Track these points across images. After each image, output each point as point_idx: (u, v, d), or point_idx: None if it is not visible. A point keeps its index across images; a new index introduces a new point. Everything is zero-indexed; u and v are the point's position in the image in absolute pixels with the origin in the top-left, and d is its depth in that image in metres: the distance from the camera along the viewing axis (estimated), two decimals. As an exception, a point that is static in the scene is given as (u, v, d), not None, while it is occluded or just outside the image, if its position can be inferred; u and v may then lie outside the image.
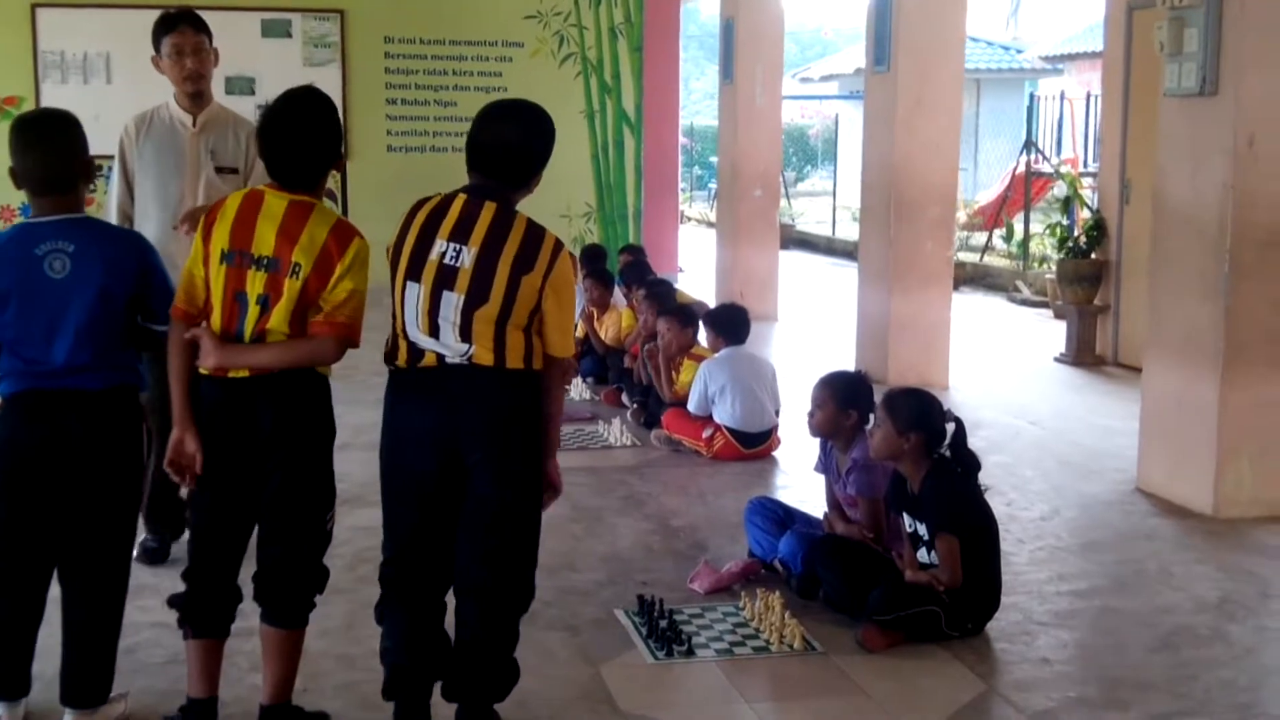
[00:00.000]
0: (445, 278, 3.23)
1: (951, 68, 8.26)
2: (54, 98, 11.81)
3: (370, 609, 4.36)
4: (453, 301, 3.22)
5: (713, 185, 26.78)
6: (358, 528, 5.06)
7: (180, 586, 3.49)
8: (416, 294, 3.24)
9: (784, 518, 4.91)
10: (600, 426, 7.07)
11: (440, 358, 3.24)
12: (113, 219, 4.76)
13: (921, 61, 8.13)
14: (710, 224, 22.62)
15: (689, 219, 22.35)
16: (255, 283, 3.30)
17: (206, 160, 4.74)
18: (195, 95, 4.77)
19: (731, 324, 6.74)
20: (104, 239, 3.41)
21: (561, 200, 12.18)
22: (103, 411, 3.38)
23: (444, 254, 3.24)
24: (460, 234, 3.25)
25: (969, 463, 4.36)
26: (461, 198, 3.31)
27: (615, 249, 11.53)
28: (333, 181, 12.38)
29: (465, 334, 3.22)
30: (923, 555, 4.34)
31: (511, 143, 3.34)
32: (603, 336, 8.28)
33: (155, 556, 4.80)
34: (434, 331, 3.23)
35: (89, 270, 3.32)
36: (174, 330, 3.38)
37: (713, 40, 38.49)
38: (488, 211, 3.27)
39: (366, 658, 4.04)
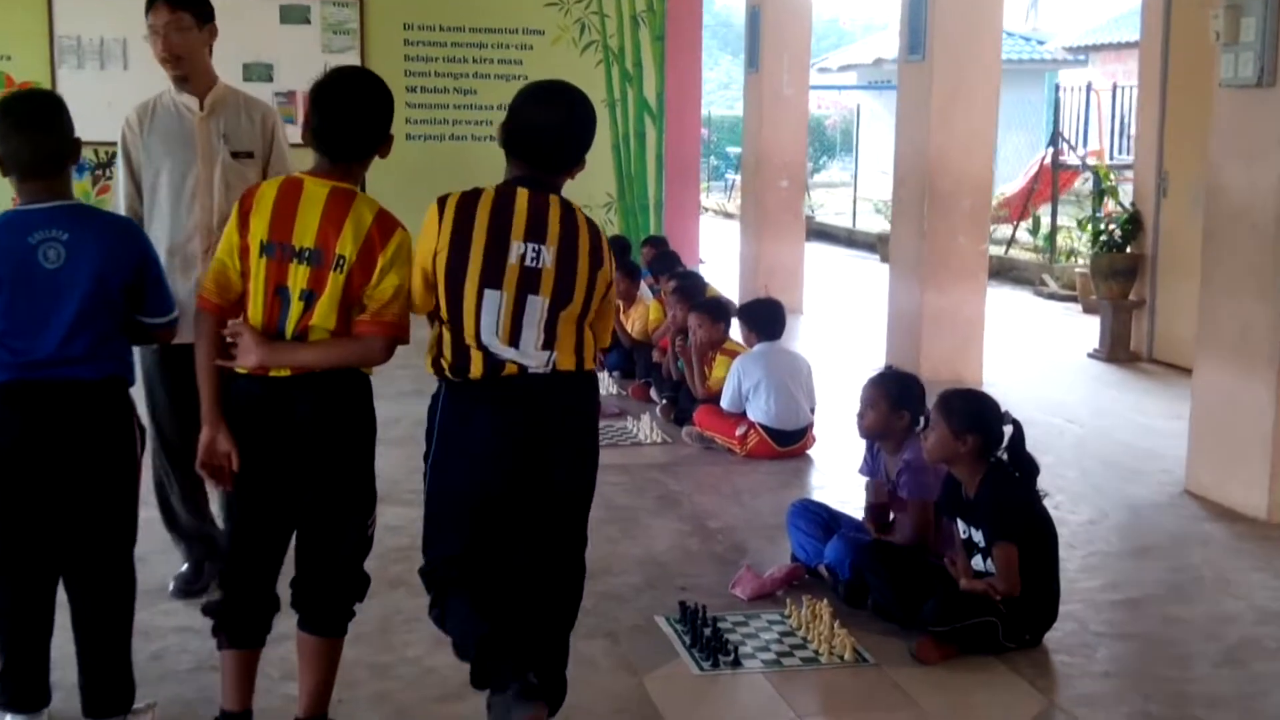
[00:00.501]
0: (530, 281, 3.08)
1: (988, 57, 8.08)
2: (70, 83, 11.66)
3: (403, 614, 4.27)
4: (538, 305, 3.07)
5: (730, 175, 26.67)
6: (388, 527, 4.90)
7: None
8: (498, 301, 3.06)
9: (828, 521, 4.75)
10: (629, 422, 6.91)
11: (522, 368, 3.08)
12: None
13: (958, 51, 7.94)
14: (728, 215, 22.47)
15: (706, 210, 22.14)
16: (298, 276, 3.13)
17: (220, 145, 4.35)
18: (179, 79, 4.33)
19: (766, 319, 6.57)
20: (100, 227, 3.25)
21: (582, 190, 11.92)
22: (96, 402, 3.24)
23: (524, 256, 3.07)
24: (536, 233, 3.09)
25: (1027, 467, 4.19)
26: (524, 192, 3.12)
27: (636, 240, 11.37)
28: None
29: (549, 340, 3.09)
30: (977, 563, 4.17)
31: (563, 128, 3.17)
32: (629, 330, 8.11)
33: (190, 587, 4.46)
34: (515, 340, 3.07)
35: (84, 260, 3.17)
36: (202, 323, 3.20)
37: (725, 29, 38.21)
38: (554, 206, 3.12)
39: (401, 666, 3.92)
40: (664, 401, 7.24)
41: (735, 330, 6.92)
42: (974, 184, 8.10)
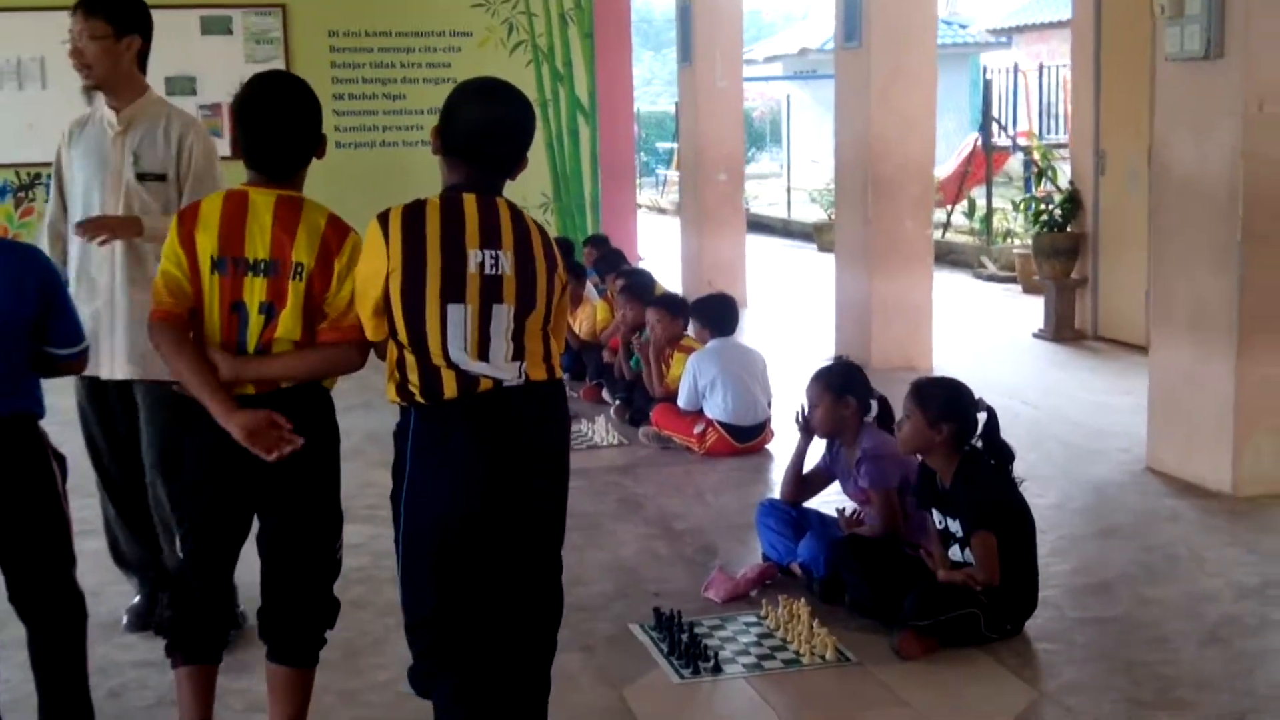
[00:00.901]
0: (492, 289, 2.89)
1: (925, 40, 8.07)
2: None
3: (369, 635, 4.14)
4: (504, 313, 2.90)
5: (660, 171, 26.62)
6: (347, 545, 4.72)
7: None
8: (463, 315, 2.87)
9: (798, 519, 4.68)
10: (584, 425, 6.78)
11: (497, 383, 2.90)
12: (43, 236, 4.25)
13: (895, 36, 7.91)
14: (661, 210, 22.43)
15: (640, 206, 22.06)
16: (255, 289, 3.01)
17: (129, 165, 4.01)
18: (90, 89, 4.09)
19: (720, 315, 6.48)
20: (2, 257, 3.08)
21: (517, 191, 11.40)
22: (2, 440, 3.06)
23: (482, 264, 2.88)
24: (490, 239, 2.90)
25: (1003, 454, 4.13)
26: (471, 197, 2.93)
27: (576, 240, 11.26)
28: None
29: (518, 350, 2.92)
30: (954, 553, 4.12)
31: (506, 125, 3.00)
32: (578, 331, 8.00)
33: (143, 620, 4.28)
34: (484, 353, 2.89)
35: None
36: (166, 332, 3.03)
37: (645, 25, 38.15)
38: (503, 209, 2.96)
39: (371, 692, 3.81)
40: (617, 402, 7.13)
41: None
42: (917, 168, 8.07)
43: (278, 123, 3.07)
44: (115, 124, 4.04)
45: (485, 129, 2.96)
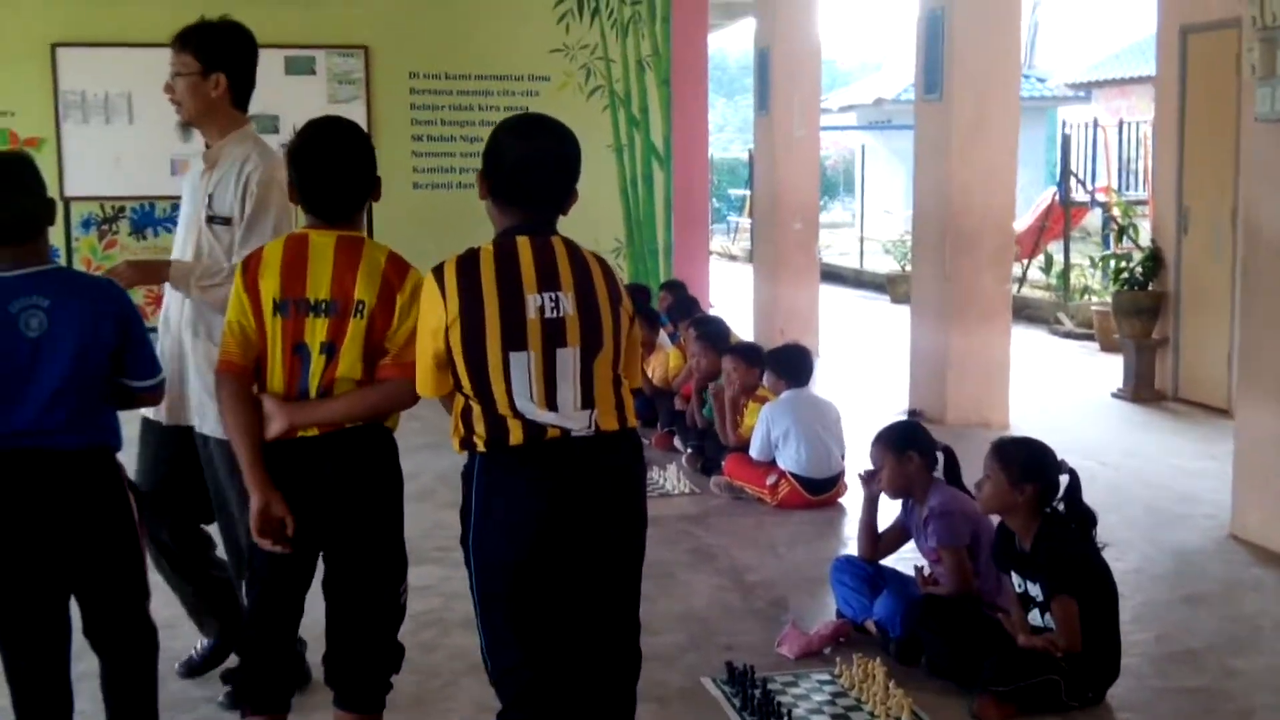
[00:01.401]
0: (555, 333, 2.83)
1: (1008, 93, 8.01)
2: (75, 139, 11.59)
3: (439, 678, 4.12)
4: (569, 357, 2.83)
5: (732, 218, 26.65)
6: (416, 588, 4.71)
7: None
8: (526, 362, 2.81)
9: (874, 575, 4.61)
10: (655, 473, 6.75)
11: (565, 432, 2.84)
12: None
13: (977, 88, 7.86)
14: (732, 257, 22.43)
15: (711, 253, 22.08)
16: (316, 330, 3.03)
17: (203, 205, 3.87)
18: (183, 126, 3.99)
19: (795, 365, 6.44)
20: (81, 291, 3.12)
21: (590, 235, 11.74)
22: (79, 472, 3.10)
23: (542, 308, 2.82)
24: (549, 281, 2.84)
25: (1086, 517, 4.05)
26: (524, 240, 2.87)
27: (651, 286, 11.28)
28: (357, 219, 12.30)
29: (588, 397, 2.85)
30: (1034, 617, 4.03)
31: (555, 159, 2.92)
32: (650, 377, 7.98)
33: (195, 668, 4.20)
34: (551, 402, 2.82)
35: (66, 327, 3.04)
36: (228, 385, 3.08)
37: (720, 72, 38.22)
38: (559, 248, 2.89)
39: (441, 738, 3.77)
40: (689, 451, 7.10)
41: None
42: (996, 222, 7.99)
43: (333, 167, 3.10)
44: (204, 162, 4.00)
45: (529, 164, 2.90)
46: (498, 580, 2.88)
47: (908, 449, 4.53)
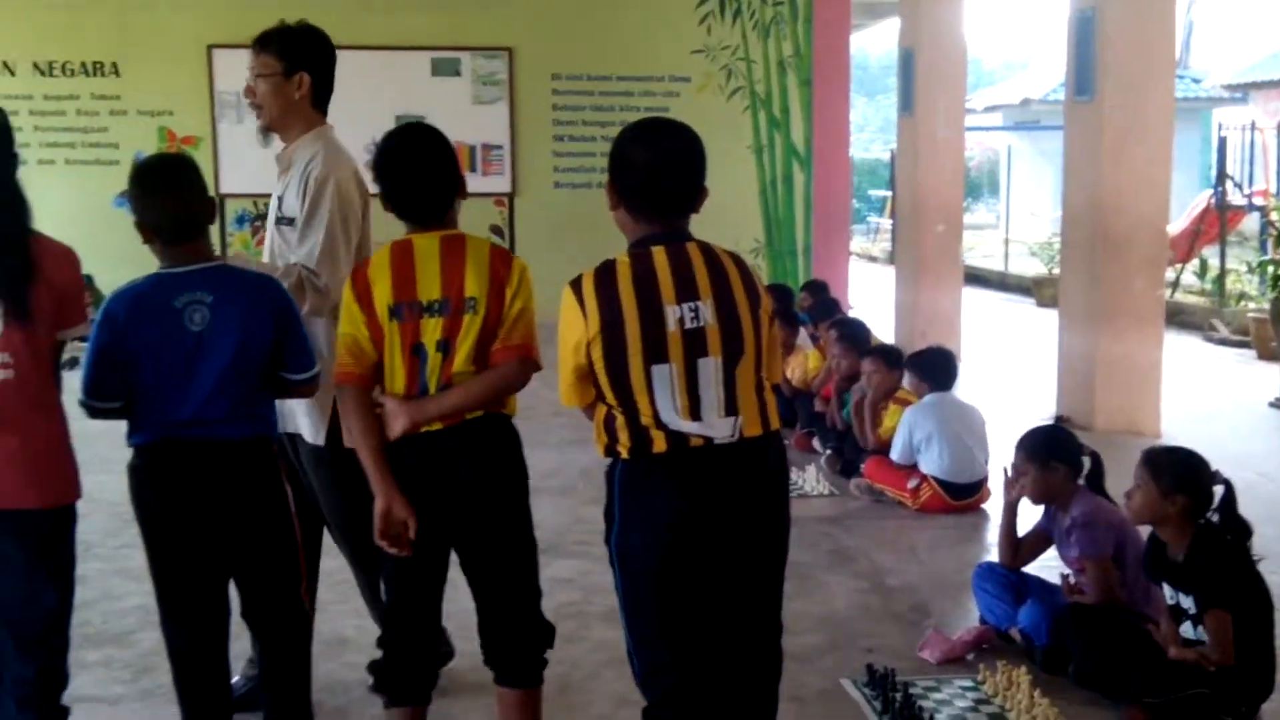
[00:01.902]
0: (695, 344, 2.82)
1: (1161, 94, 7.79)
2: (230, 138, 12.01)
3: (581, 670, 4.17)
4: (711, 366, 2.83)
5: (872, 219, 26.39)
6: (557, 580, 4.84)
7: None
8: (669, 374, 2.81)
9: (1018, 583, 4.53)
10: (794, 474, 6.72)
11: (708, 440, 2.84)
12: None
13: (1129, 88, 7.66)
14: (871, 258, 22.21)
15: (850, 253, 21.90)
16: (431, 330, 3.10)
17: (274, 207, 3.83)
18: (263, 130, 3.91)
19: (938, 368, 6.36)
20: (242, 287, 3.23)
21: (729, 236, 11.76)
22: (240, 462, 3.21)
23: (682, 319, 2.81)
24: (687, 291, 2.83)
25: (1241, 529, 3.93)
26: (659, 250, 2.86)
27: (793, 286, 11.25)
28: (500, 217, 12.48)
29: (731, 404, 2.85)
30: (1186, 629, 3.92)
31: (681, 161, 2.90)
32: (790, 378, 7.95)
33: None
34: (695, 412, 2.83)
35: (228, 321, 3.15)
36: (347, 396, 3.17)
37: (861, 71, 37.97)
38: (695, 254, 2.88)
39: (586, 726, 3.82)
40: (829, 452, 7.06)
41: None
42: (1149, 226, 7.79)
43: (415, 173, 3.17)
44: (279, 164, 3.90)
45: (659, 171, 2.88)
46: (643, 581, 2.90)
47: (1051, 459, 4.44)
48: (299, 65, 3.80)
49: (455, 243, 3.15)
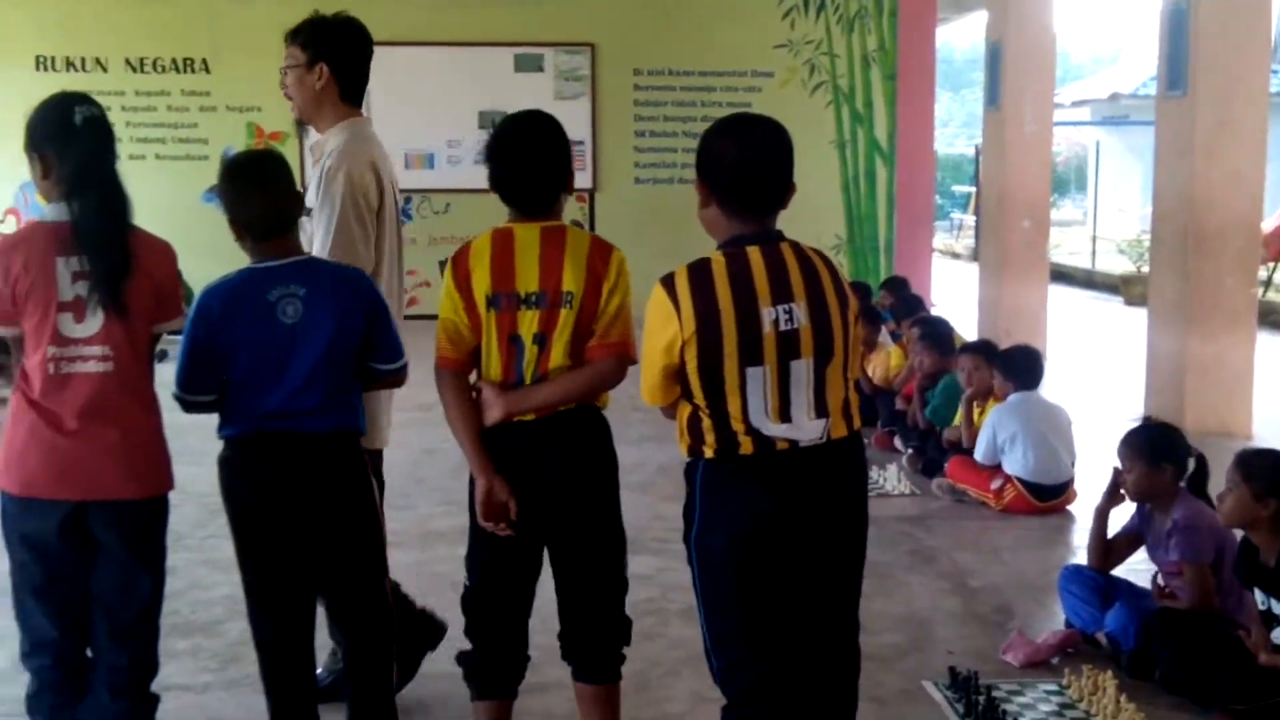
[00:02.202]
0: (789, 346, 2.80)
1: (1256, 88, 7.62)
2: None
3: (661, 667, 4.17)
4: (803, 369, 2.81)
5: (955, 215, 26.11)
6: (636, 576, 4.73)
7: None
8: (762, 377, 2.79)
9: (1105, 586, 4.46)
10: (875, 472, 6.67)
11: (793, 443, 2.83)
12: None
13: (1223, 84, 7.51)
14: (954, 255, 21.98)
15: (933, 250, 21.68)
16: (528, 322, 3.10)
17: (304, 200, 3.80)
18: (298, 123, 3.91)
19: (1025, 367, 6.26)
20: (333, 280, 3.25)
21: (810, 232, 11.66)
22: (328, 454, 3.23)
23: (777, 321, 2.79)
24: (782, 293, 2.80)
25: (1338, 534, 3.83)
26: (755, 250, 2.84)
27: (869, 281, 11.16)
28: (580, 213, 12.51)
29: (820, 406, 2.84)
30: (1277, 635, 3.83)
31: (775, 157, 2.88)
32: (871, 376, 7.89)
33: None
34: (786, 414, 2.81)
35: (321, 314, 3.17)
36: (446, 380, 3.18)
37: (945, 65, 37.70)
38: (788, 255, 2.85)
39: (663, 722, 3.82)
40: (910, 451, 6.99)
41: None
42: (1242, 223, 7.62)
43: (527, 161, 3.15)
44: (311, 155, 3.92)
45: (752, 168, 2.86)
46: (722, 580, 2.89)
47: (1161, 460, 4.35)
48: (320, 56, 3.76)
49: (555, 235, 3.15)
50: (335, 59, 3.77)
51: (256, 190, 3.20)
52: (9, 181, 11.97)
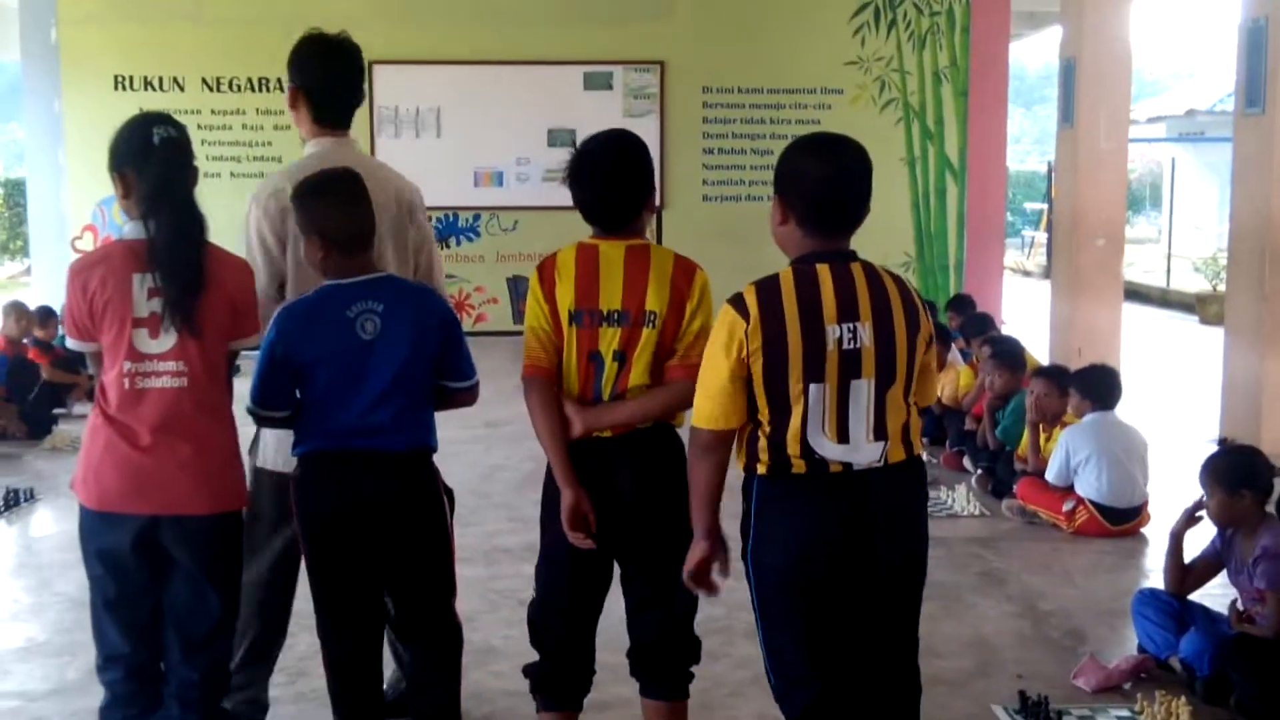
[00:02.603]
0: (850, 365, 2.79)
1: (1338, 106, 7.46)
2: (388, 152, 12.25)
3: (725, 687, 4.14)
4: (863, 389, 2.80)
5: (1026, 232, 25.82)
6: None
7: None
8: (821, 395, 2.78)
9: (1179, 611, 4.37)
10: (943, 492, 6.61)
11: (846, 465, 2.81)
12: None
13: (1303, 100, 7.36)
14: (1025, 273, 21.74)
15: (1004, 268, 21.46)
16: (610, 339, 3.12)
17: None
18: (305, 143, 3.83)
19: (1103, 386, 6.15)
20: (410, 297, 3.26)
21: (879, 250, 11.61)
22: (402, 472, 3.23)
23: (840, 339, 2.78)
24: (848, 312, 2.79)
25: None
26: (825, 269, 2.82)
27: (939, 301, 11.07)
28: (648, 230, 12.52)
29: (879, 428, 2.81)
30: (1360, 665, 3.74)
31: (858, 178, 2.87)
32: (940, 395, 7.81)
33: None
34: (843, 434, 2.80)
35: (398, 331, 3.18)
36: (536, 389, 3.18)
37: (1017, 81, 37.45)
38: (858, 276, 2.83)
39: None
40: (980, 471, 6.91)
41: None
42: (1323, 242, 7.46)
43: (607, 180, 3.15)
44: None
45: (836, 188, 2.85)
46: (776, 597, 2.89)
47: (1241, 487, 4.26)
48: (291, 78, 3.74)
49: (640, 253, 3.16)
50: (302, 79, 3.72)
51: (344, 207, 3.21)
52: (88, 199, 12.21)
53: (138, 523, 3.09)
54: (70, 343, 3.20)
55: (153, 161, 3.10)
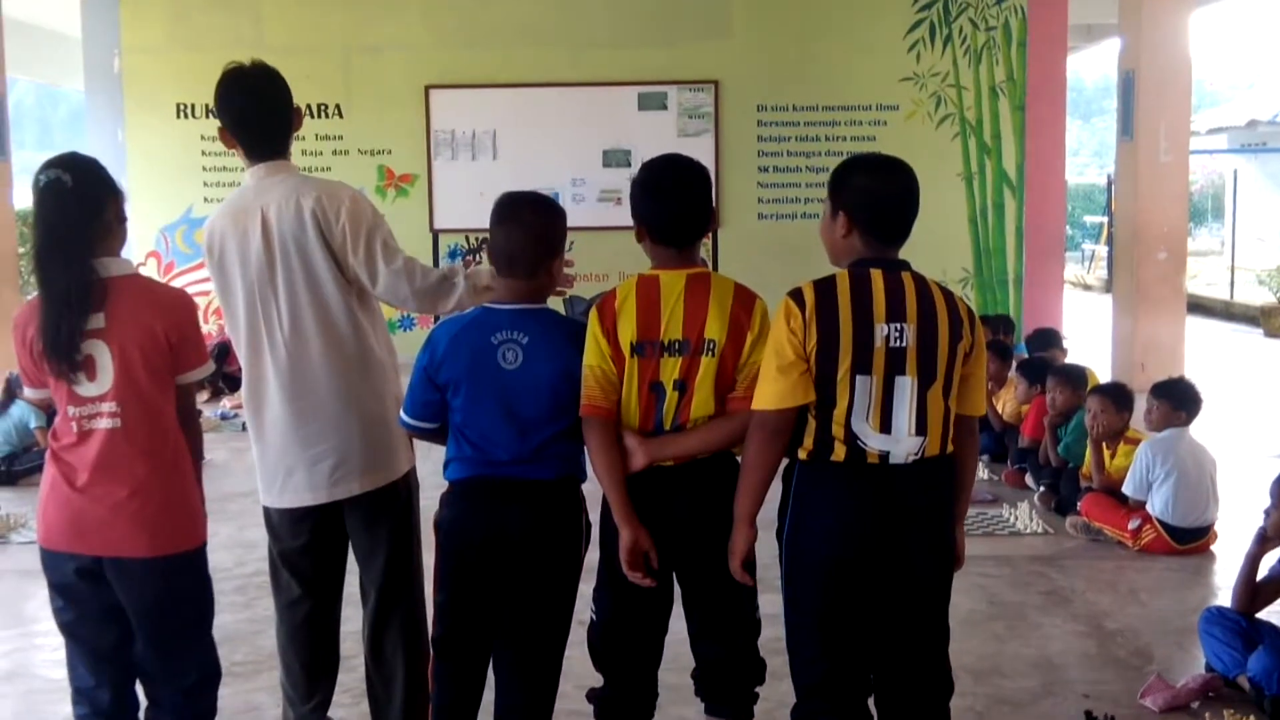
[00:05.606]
0: (896, 362, 2.97)
1: (1405, 114, 7.33)
2: (444, 175, 12.37)
3: (787, 706, 4.12)
4: (907, 385, 2.97)
5: (1086, 246, 25.56)
6: (764, 615, 4.77)
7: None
8: (868, 386, 2.96)
9: (1248, 629, 4.32)
10: (1005, 510, 6.56)
11: (883, 456, 2.96)
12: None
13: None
14: (1085, 287, 21.52)
15: (1064, 282, 21.26)
16: (670, 369, 3.14)
17: None
18: None
19: (1190, 396, 6.08)
20: (557, 330, 3.24)
21: (937, 265, 11.69)
22: (550, 502, 3.22)
23: (888, 337, 2.96)
24: (896, 313, 2.98)
25: None
26: (878, 273, 3.01)
27: (1010, 317, 11.00)
28: (704, 248, 12.50)
29: (920, 424, 2.97)
30: None
31: (911, 196, 3.09)
32: (1001, 412, 7.76)
33: None
34: (886, 425, 2.96)
35: (541, 363, 3.17)
36: (596, 429, 3.18)
37: (1075, 93, 37.09)
38: (908, 283, 3.01)
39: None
40: (1042, 489, 6.84)
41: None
42: (1391, 253, 7.33)
43: (689, 201, 3.20)
44: None
45: (892, 204, 3.06)
46: (805, 578, 3.04)
47: None
48: (218, 116, 3.69)
49: (700, 281, 3.18)
50: (222, 117, 3.67)
51: (519, 227, 3.21)
52: (151, 226, 12.40)
53: (80, 560, 3.14)
54: (27, 391, 3.29)
55: (39, 209, 3.09)
